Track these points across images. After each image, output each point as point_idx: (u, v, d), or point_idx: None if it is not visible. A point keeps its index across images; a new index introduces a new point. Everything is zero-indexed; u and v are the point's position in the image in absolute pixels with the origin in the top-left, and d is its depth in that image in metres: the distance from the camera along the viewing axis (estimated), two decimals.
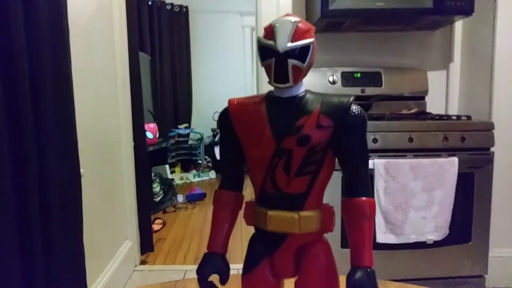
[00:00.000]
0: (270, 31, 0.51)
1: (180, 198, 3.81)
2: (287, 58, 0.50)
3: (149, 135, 3.59)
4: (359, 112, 0.53)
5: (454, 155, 1.72)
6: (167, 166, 4.35)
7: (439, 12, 1.85)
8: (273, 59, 0.51)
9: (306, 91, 0.55)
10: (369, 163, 0.64)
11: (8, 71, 0.99)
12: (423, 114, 1.99)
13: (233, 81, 5.36)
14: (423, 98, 2.23)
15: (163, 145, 4.25)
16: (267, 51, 0.51)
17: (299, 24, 0.51)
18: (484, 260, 1.83)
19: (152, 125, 3.82)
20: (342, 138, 0.53)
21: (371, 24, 2.10)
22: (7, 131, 0.98)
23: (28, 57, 1.05)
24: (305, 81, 0.54)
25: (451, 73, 2.23)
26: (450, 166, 1.70)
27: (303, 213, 0.54)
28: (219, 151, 0.63)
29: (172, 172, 4.60)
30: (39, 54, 1.12)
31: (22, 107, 1.03)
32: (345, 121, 0.52)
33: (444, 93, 2.26)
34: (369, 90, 2.17)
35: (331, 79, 2.15)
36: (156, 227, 2.97)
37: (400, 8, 1.85)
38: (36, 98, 1.09)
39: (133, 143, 2.32)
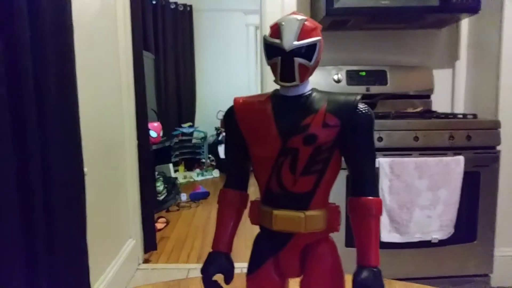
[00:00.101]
0: (276, 30, 0.51)
1: (184, 197, 3.81)
2: (294, 57, 0.50)
3: (153, 134, 3.60)
4: (366, 111, 0.53)
5: (460, 154, 1.72)
6: (171, 165, 4.35)
7: (445, 10, 1.84)
8: (279, 58, 0.50)
9: (313, 90, 0.54)
10: None
11: (13, 70, 0.99)
12: (429, 113, 1.98)
13: (237, 80, 5.36)
14: (429, 97, 2.22)
15: (167, 144, 4.26)
16: (273, 50, 0.51)
17: (306, 22, 0.50)
18: (489, 259, 1.82)
19: (156, 124, 3.83)
20: (349, 137, 0.52)
21: (376, 22, 2.09)
22: (11, 130, 0.99)
23: (32, 56, 1.06)
24: (310, 80, 0.54)
25: (457, 72, 2.22)
26: (456, 165, 1.69)
27: (309, 213, 0.53)
28: (224, 150, 0.62)
29: (176, 171, 4.60)
30: (43, 53, 1.12)
31: (26, 106, 1.03)
32: (352, 120, 0.52)
33: (450, 92, 2.25)
34: (374, 89, 2.16)
35: (336, 78, 2.14)
36: (160, 226, 2.97)
37: (406, 6, 1.83)
38: (40, 97, 1.09)
39: (137, 142, 2.32)
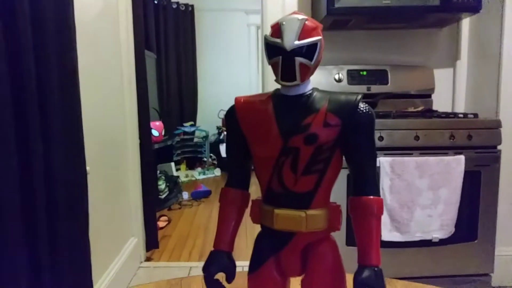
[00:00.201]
0: (277, 29, 0.51)
1: (185, 196, 3.82)
2: (294, 56, 0.50)
3: (155, 133, 3.60)
4: (367, 110, 0.53)
5: (461, 153, 1.72)
6: (173, 164, 4.37)
7: (446, 10, 1.84)
8: (280, 57, 0.51)
9: (314, 89, 0.54)
10: None
11: (15, 69, 0.99)
12: (430, 112, 1.98)
13: (239, 79, 5.36)
14: (430, 96, 2.22)
15: (169, 143, 4.27)
16: (274, 49, 0.51)
17: (307, 22, 0.51)
18: (490, 259, 1.82)
19: (158, 123, 3.83)
20: (350, 137, 0.52)
21: (377, 22, 2.09)
22: (14, 130, 0.99)
23: (35, 56, 1.06)
24: (311, 79, 0.54)
25: (458, 71, 2.22)
26: (457, 164, 1.69)
27: (310, 212, 0.53)
28: (226, 149, 0.62)
29: (178, 170, 4.61)
30: (46, 53, 1.12)
31: (29, 106, 1.03)
32: (353, 120, 0.52)
33: (451, 91, 2.25)
34: (375, 88, 2.16)
35: (337, 77, 2.14)
36: (161, 224, 2.98)
37: (407, 6, 1.83)
38: (42, 97, 1.10)
39: (139, 141, 2.33)
